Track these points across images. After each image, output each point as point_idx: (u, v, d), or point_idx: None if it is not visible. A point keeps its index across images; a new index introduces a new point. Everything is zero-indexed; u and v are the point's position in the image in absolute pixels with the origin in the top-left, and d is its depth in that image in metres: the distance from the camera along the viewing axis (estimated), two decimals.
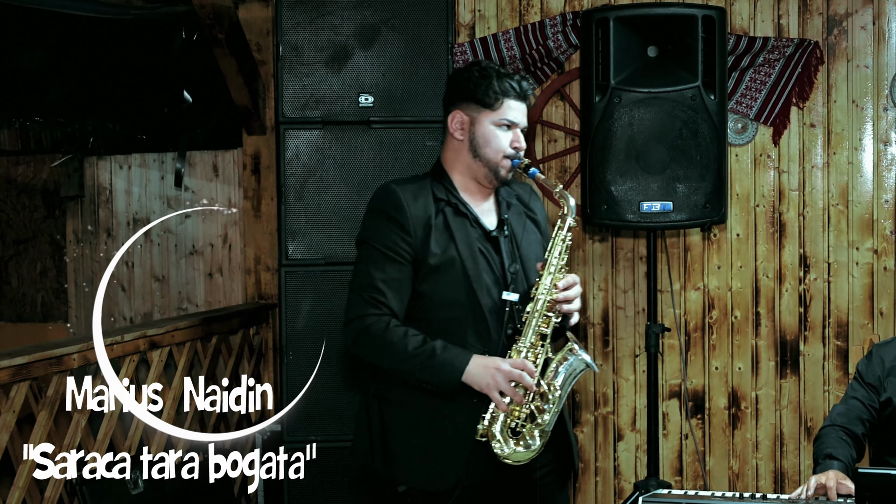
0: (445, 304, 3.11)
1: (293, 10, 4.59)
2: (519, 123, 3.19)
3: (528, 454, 3.06)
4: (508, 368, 3.01)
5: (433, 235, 3.12)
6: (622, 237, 5.39)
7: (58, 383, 3.98)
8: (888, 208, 5.18)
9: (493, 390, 3.00)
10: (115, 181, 6.59)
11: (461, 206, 3.18)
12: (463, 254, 3.12)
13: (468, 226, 3.17)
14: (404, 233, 3.11)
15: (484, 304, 3.11)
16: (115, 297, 6.56)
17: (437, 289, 3.11)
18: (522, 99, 3.20)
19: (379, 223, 3.15)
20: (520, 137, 3.19)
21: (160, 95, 6.53)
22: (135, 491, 3.87)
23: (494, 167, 3.19)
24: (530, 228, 3.28)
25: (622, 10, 4.68)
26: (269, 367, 5.62)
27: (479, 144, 3.19)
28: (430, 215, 3.13)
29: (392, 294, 3.09)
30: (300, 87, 4.60)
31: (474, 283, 3.10)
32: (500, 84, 3.18)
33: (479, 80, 3.19)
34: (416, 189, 3.18)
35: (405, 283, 3.11)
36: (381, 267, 3.10)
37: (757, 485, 5.35)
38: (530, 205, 3.33)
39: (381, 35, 4.60)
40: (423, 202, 3.15)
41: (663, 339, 5.32)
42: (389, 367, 3.10)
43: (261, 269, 5.79)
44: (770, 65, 5.20)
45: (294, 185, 4.59)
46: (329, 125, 4.60)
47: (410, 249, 3.10)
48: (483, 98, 3.18)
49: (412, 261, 3.11)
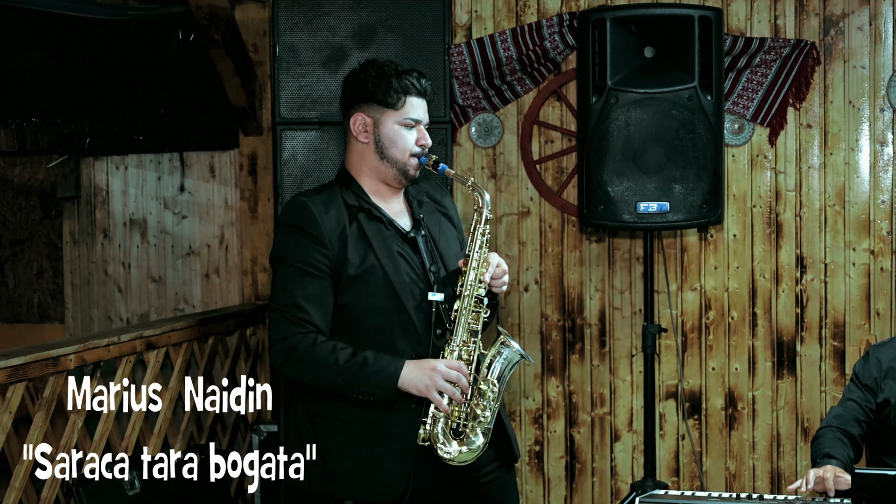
0: (370, 312, 3.08)
1: (289, 10, 4.59)
2: (422, 120, 3.19)
3: (473, 454, 3.06)
4: (445, 369, 3.00)
5: (350, 244, 3.08)
6: (619, 238, 5.39)
7: (54, 384, 3.98)
8: (885, 209, 5.19)
9: (431, 391, 2.99)
10: (111, 182, 6.59)
11: (374, 210, 3.15)
12: (382, 259, 3.08)
13: (384, 230, 3.13)
14: (321, 246, 3.06)
15: (409, 307, 3.09)
16: (112, 297, 6.56)
17: (359, 298, 3.08)
18: (423, 95, 3.19)
19: (293, 239, 3.09)
20: (425, 135, 3.18)
21: (157, 96, 6.53)
22: (131, 492, 3.87)
23: (402, 167, 3.16)
24: (445, 225, 3.27)
25: (619, 11, 4.68)
26: (265, 368, 5.61)
27: (385, 146, 3.16)
28: (345, 224, 3.09)
29: (314, 310, 3.05)
30: (297, 87, 4.59)
31: (397, 287, 3.08)
32: (401, 82, 3.16)
33: (377, 80, 3.16)
34: (326, 199, 3.13)
35: (326, 297, 3.07)
36: (300, 284, 3.06)
37: (754, 485, 5.35)
38: (441, 201, 3.32)
39: (378, 36, 4.60)
40: (335, 212, 3.10)
41: (660, 340, 5.33)
42: (321, 383, 3.06)
43: (257, 270, 5.78)
44: (767, 65, 5.21)
45: (291, 185, 4.58)
46: (326, 126, 4.60)
47: (328, 262, 3.06)
48: (385, 98, 3.15)
49: (331, 273, 3.07)
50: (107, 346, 4.24)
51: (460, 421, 3.05)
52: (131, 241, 6.54)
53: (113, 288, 6.56)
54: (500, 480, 3.27)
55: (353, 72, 3.25)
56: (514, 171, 5.47)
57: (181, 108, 6.46)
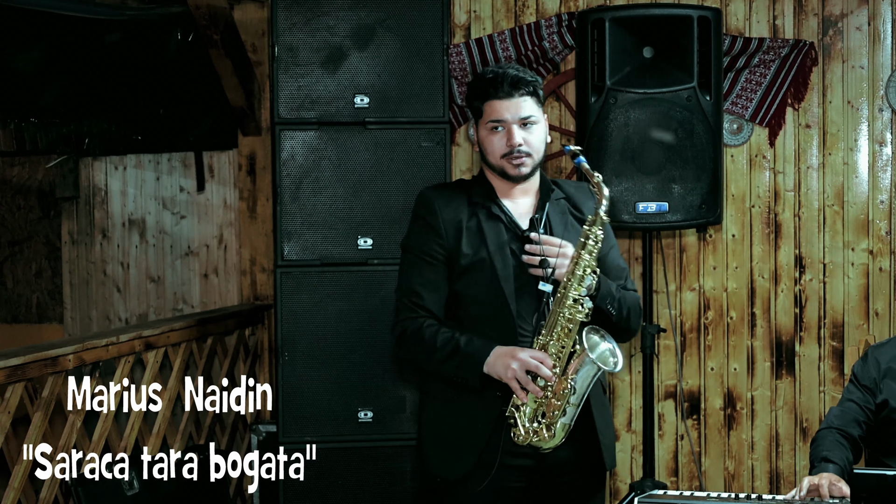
0: (476, 302, 3.20)
1: (288, 10, 4.58)
2: (508, 120, 3.19)
3: (547, 442, 3.09)
4: (526, 358, 3.05)
5: (465, 237, 3.21)
6: (618, 238, 5.36)
7: (53, 384, 3.97)
8: (883, 209, 5.19)
9: (510, 379, 3.05)
10: (110, 182, 6.59)
11: (495, 208, 3.24)
12: (493, 254, 3.18)
13: (502, 228, 3.23)
14: (437, 235, 3.22)
15: (510, 298, 3.16)
16: (111, 297, 6.56)
17: (468, 288, 3.21)
18: (507, 95, 3.20)
19: (415, 228, 3.29)
20: (512, 133, 3.19)
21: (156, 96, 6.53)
22: (130, 492, 3.87)
23: (500, 169, 3.23)
24: (573, 227, 3.28)
25: (618, 11, 4.68)
26: (264, 368, 5.62)
27: (483, 154, 3.27)
28: (462, 218, 3.23)
29: (428, 295, 3.22)
30: (296, 87, 4.59)
31: (503, 281, 3.16)
32: (479, 90, 3.24)
33: (469, 94, 3.29)
34: (451, 193, 3.30)
35: (441, 283, 3.23)
36: (419, 271, 3.24)
37: (752, 485, 5.35)
38: (580, 205, 3.34)
39: (377, 36, 4.60)
40: (455, 205, 3.25)
41: (659, 340, 5.33)
42: (424, 363, 3.23)
43: (256, 270, 5.78)
44: (765, 65, 5.21)
45: (289, 185, 4.58)
46: (325, 126, 4.59)
47: (443, 251, 3.21)
48: (474, 108, 3.27)
49: (446, 261, 3.22)
50: (105, 346, 4.25)
51: (538, 411, 3.08)
52: (130, 242, 6.54)
53: (112, 288, 6.56)
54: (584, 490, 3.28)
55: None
56: None
57: (180, 109, 6.46)
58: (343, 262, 4.59)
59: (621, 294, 3.26)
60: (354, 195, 4.59)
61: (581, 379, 3.07)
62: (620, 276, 3.34)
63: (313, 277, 4.58)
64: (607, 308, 3.19)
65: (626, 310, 3.26)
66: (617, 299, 3.23)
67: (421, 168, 4.61)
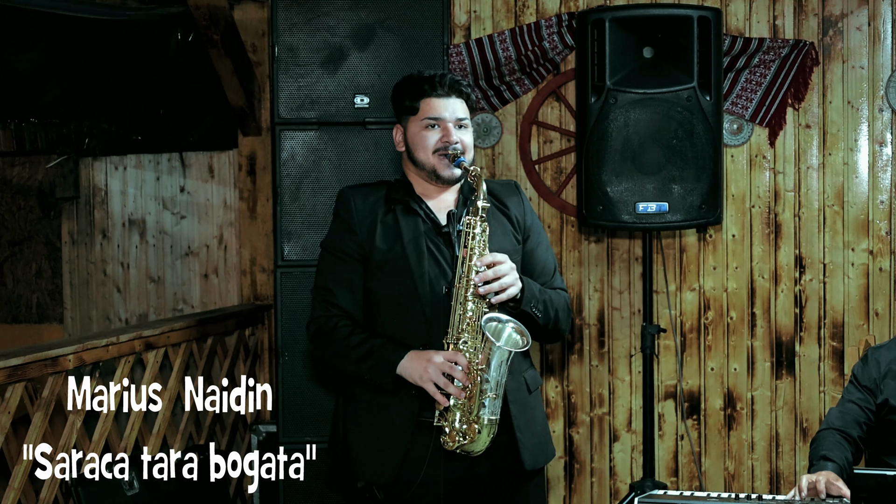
0: (390, 298, 3.18)
1: (288, 11, 4.58)
2: (445, 118, 3.20)
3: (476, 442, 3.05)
4: (440, 360, 3.03)
5: (379, 232, 3.20)
6: (618, 238, 5.39)
7: (53, 384, 3.97)
8: (884, 209, 5.19)
9: (426, 383, 3.03)
10: (110, 182, 6.59)
11: (413, 203, 3.22)
12: (408, 249, 3.16)
13: (419, 223, 3.20)
14: (351, 232, 3.21)
15: (424, 296, 3.13)
16: (111, 297, 6.56)
17: (382, 284, 3.19)
18: (445, 94, 3.21)
19: (333, 227, 3.29)
20: (448, 131, 3.19)
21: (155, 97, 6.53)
22: (130, 492, 3.87)
23: (431, 167, 3.21)
24: (498, 221, 3.25)
25: (618, 11, 4.68)
26: (264, 368, 5.62)
27: (412, 150, 3.24)
28: (378, 213, 3.21)
29: (342, 293, 3.20)
30: (296, 87, 4.59)
31: (416, 277, 3.14)
32: (416, 87, 3.23)
33: (401, 91, 3.27)
34: (369, 191, 3.29)
35: (355, 281, 3.21)
36: (333, 268, 3.23)
37: (752, 485, 5.35)
38: (504, 199, 3.31)
39: (377, 36, 4.60)
40: (372, 201, 3.24)
41: (659, 340, 5.33)
42: (338, 365, 3.21)
43: (256, 270, 5.78)
44: (765, 66, 5.21)
45: (290, 185, 4.58)
46: (325, 126, 4.59)
47: (357, 247, 3.20)
48: (406, 106, 3.25)
49: (360, 259, 3.20)
50: (105, 346, 4.24)
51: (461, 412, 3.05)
52: (130, 242, 6.54)
53: (112, 288, 6.56)
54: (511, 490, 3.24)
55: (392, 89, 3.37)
56: (513, 171, 5.47)
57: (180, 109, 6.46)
58: None
59: (547, 295, 3.21)
60: None
61: (493, 368, 3.03)
62: (547, 274, 3.29)
63: (313, 277, 4.58)
64: (532, 311, 3.15)
65: (553, 311, 3.21)
66: (542, 301, 3.18)
67: None
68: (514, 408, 3.17)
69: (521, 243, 3.29)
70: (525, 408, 3.23)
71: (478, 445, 3.06)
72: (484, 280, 3.03)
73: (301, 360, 4.57)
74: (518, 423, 3.19)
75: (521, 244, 3.29)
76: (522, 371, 3.25)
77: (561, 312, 3.25)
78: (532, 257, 3.28)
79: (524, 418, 3.21)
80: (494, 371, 3.03)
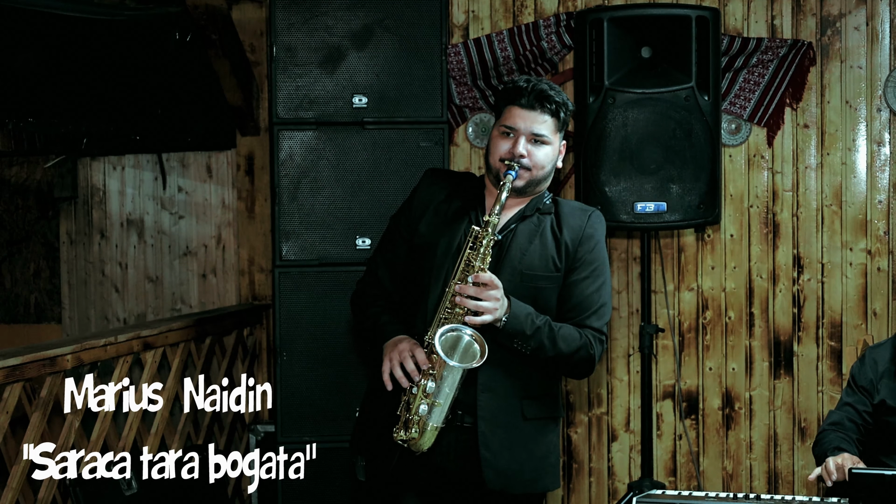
0: (411, 284, 3.23)
1: (287, 10, 4.58)
2: (519, 129, 3.14)
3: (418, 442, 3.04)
4: (404, 347, 3.07)
5: (427, 217, 3.23)
6: (616, 238, 5.39)
7: (51, 384, 3.97)
8: (882, 209, 5.19)
9: (384, 361, 3.09)
10: (108, 182, 6.58)
11: (472, 202, 3.23)
12: (440, 245, 3.17)
13: (466, 222, 3.18)
14: (409, 209, 3.29)
15: (432, 288, 3.15)
16: (109, 297, 6.55)
17: (409, 269, 3.25)
18: (529, 106, 3.15)
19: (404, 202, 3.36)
20: (518, 144, 3.13)
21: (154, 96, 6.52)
22: (128, 492, 3.87)
23: (496, 173, 3.16)
24: (540, 243, 3.18)
25: (616, 11, 4.68)
26: (262, 368, 5.62)
27: (488, 153, 3.23)
28: (438, 200, 3.25)
29: (382, 267, 3.32)
30: (294, 87, 4.59)
31: (434, 270, 3.16)
32: (507, 93, 3.21)
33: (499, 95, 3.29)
34: (448, 176, 3.37)
35: (398, 256, 3.29)
36: (385, 241, 3.36)
37: (751, 485, 5.36)
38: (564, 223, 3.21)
39: (375, 36, 4.60)
40: (441, 187, 3.29)
41: (657, 340, 5.33)
42: (358, 329, 3.40)
43: (254, 270, 5.78)
44: (764, 65, 5.21)
45: (288, 185, 4.58)
46: (323, 126, 4.60)
47: (407, 226, 3.27)
48: (498, 108, 3.26)
49: (406, 237, 3.27)
50: (104, 346, 4.24)
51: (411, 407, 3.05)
52: (128, 242, 6.54)
53: (110, 288, 6.56)
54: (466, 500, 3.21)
55: None
56: None
57: (178, 109, 6.45)
58: (341, 262, 4.59)
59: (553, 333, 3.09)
60: (353, 195, 4.59)
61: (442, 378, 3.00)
62: (581, 311, 3.17)
63: (311, 277, 4.59)
64: (514, 346, 3.07)
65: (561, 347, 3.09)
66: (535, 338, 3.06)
67: (419, 168, 4.57)
68: (483, 425, 3.10)
69: (562, 272, 3.18)
70: (510, 431, 3.14)
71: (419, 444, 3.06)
72: (463, 292, 2.99)
73: (299, 359, 4.57)
74: (488, 442, 3.11)
75: (562, 272, 3.18)
76: (519, 396, 3.16)
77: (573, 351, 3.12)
78: (570, 289, 3.17)
79: (502, 441, 3.13)
80: (443, 381, 3.01)
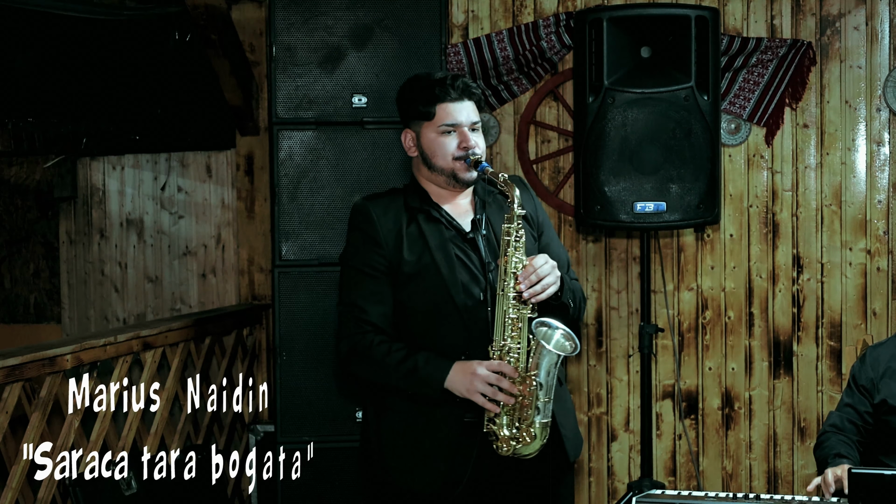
0: (425, 310, 3.16)
1: (286, 10, 4.58)
2: (461, 123, 3.19)
3: (527, 449, 3.07)
4: (486, 373, 3.02)
5: (406, 244, 3.17)
6: (616, 238, 5.39)
7: (51, 384, 3.97)
8: (881, 209, 5.19)
9: (473, 395, 3.03)
10: (108, 182, 6.58)
11: (434, 211, 3.21)
12: (437, 258, 3.15)
13: (443, 230, 3.19)
14: (376, 245, 3.17)
15: (460, 305, 3.13)
16: (109, 297, 6.55)
17: (414, 296, 3.16)
18: (459, 98, 3.19)
19: (354, 241, 3.24)
20: (466, 136, 3.18)
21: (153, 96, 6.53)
22: (128, 492, 3.87)
23: (451, 172, 3.20)
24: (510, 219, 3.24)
25: (615, 11, 4.68)
26: (262, 368, 5.62)
27: (428, 156, 3.22)
28: (402, 225, 3.19)
29: (374, 308, 3.16)
30: (293, 87, 4.59)
31: (450, 285, 3.13)
32: (430, 92, 3.20)
33: (412, 96, 3.24)
34: (387, 202, 3.25)
35: (385, 295, 3.17)
36: (360, 284, 3.19)
37: (750, 485, 5.36)
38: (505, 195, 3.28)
39: (375, 36, 4.60)
40: (393, 213, 3.21)
41: (657, 340, 5.33)
42: (378, 381, 3.17)
43: (254, 270, 5.78)
44: (763, 65, 5.21)
45: (287, 185, 4.58)
46: (322, 126, 4.59)
47: (385, 261, 3.17)
48: (420, 111, 3.22)
49: (388, 271, 3.17)
50: (103, 346, 4.24)
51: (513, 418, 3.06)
52: (128, 241, 6.54)
53: (109, 288, 6.56)
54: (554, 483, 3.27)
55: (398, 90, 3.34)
56: (511, 171, 5.47)
57: (178, 108, 6.45)
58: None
59: (571, 285, 3.26)
60: (352, 195, 4.58)
61: (544, 372, 3.04)
62: (563, 268, 3.27)
63: (311, 277, 4.58)
64: (568, 302, 3.19)
65: (578, 300, 3.27)
66: (571, 290, 3.23)
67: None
68: (555, 405, 3.16)
69: (537, 239, 3.30)
70: (562, 402, 3.24)
71: (530, 448, 3.07)
72: (529, 285, 3.04)
73: (299, 359, 4.57)
74: (560, 419, 3.21)
75: (537, 240, 3.30)
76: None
77: (581, 302, 3.31)
78: (546, 251, 3.26)
79: (562, 412, 3.24)
80: (545, 375, 3.05)
